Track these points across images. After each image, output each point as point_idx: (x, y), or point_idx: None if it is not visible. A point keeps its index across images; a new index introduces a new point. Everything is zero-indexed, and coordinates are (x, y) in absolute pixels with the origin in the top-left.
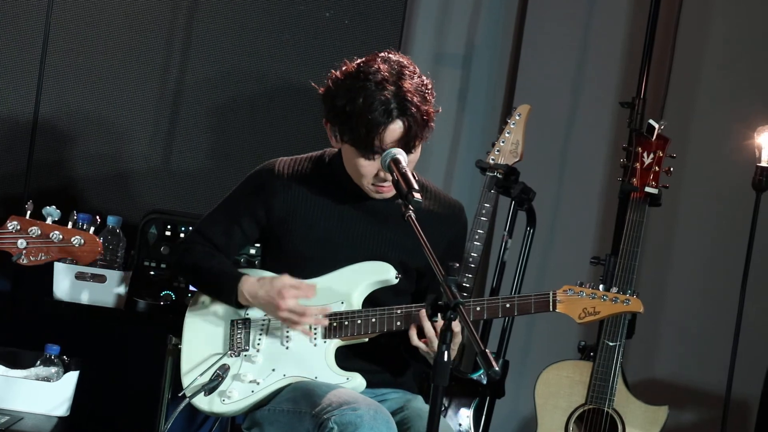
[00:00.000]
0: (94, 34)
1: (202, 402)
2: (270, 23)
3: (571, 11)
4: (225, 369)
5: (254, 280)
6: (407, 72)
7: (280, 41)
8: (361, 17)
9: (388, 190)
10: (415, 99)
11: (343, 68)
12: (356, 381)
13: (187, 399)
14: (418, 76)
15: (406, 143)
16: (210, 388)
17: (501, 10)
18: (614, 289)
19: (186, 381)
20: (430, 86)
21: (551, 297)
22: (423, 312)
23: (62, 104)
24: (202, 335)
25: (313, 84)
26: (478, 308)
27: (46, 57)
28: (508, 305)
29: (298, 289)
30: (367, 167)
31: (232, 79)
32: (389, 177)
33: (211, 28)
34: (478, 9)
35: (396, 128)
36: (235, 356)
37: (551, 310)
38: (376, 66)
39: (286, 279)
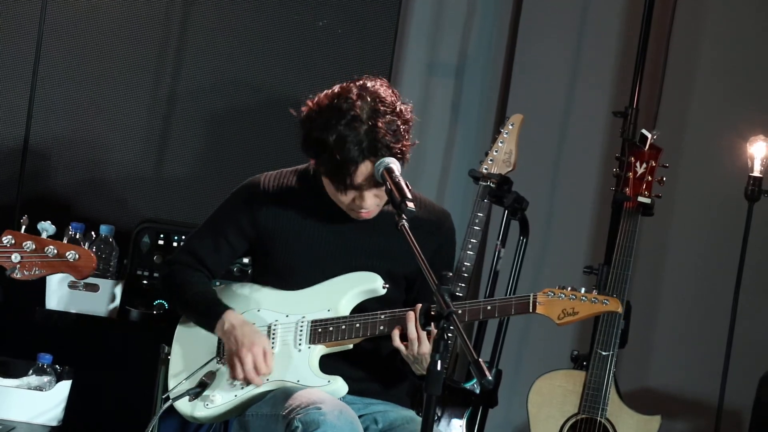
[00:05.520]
0: (86, 42)
1: (184, 406)
2: (263, 32)
3: (565, 21)
4: (211, 375)
5: (242, 317)
6: (381, 108)
7: (273, 50)
8: (354, 27)
9: (367, 215)
10: (386, 138)
11: (318, 100)
12: (337, 384)
13: (170, 401)
14: (392, 112)
15: (377, 180)
16: (195, 393)
17: (494, 20)
18: (594, 291)
19: (172, 384)
20: (407, 116)
21: (531, 298)
22: (410, 314)
23: (54, 113)
24: (191, 342)
25: (292, 111)
26: (459, 311)
27: (38, 66)
28: (489, 307)
29: (265, 358)
30: (342, 198)
31: (225, 87)
32: (366, 204)
33: (204, 37)
34: (471, 18)
35: (367, 168)
36: (222, 361)
37: (531, 311)
38: (351, 100)
39: (267, 345)
